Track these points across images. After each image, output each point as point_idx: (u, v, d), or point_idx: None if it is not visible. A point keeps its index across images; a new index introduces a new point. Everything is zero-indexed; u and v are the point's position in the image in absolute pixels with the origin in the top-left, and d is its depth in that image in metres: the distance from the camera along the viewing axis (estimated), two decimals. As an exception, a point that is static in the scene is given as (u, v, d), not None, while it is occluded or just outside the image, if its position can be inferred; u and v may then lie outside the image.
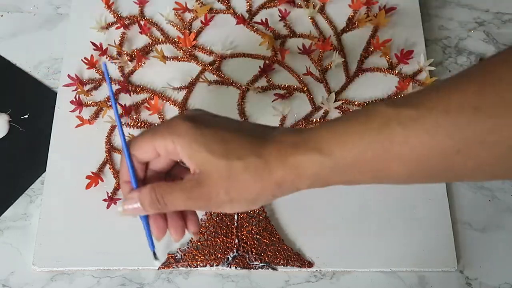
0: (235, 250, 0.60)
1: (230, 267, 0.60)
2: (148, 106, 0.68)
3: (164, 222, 0.46)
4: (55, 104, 0.69)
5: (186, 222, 0.47)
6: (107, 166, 0.65)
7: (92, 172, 0.64)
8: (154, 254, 0.49)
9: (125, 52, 0.72)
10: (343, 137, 0.40)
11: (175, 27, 0.74)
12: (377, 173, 0.41)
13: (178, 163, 0.47)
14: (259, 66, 0.71)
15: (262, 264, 0.60)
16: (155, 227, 0.46)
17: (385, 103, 0.40)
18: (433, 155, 0.38)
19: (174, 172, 0.47)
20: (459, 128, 0.37)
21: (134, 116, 0.68)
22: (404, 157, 0.39)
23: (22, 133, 0.68)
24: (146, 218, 0.46)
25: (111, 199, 0.63)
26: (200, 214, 0.62)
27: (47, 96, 0.70)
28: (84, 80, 0.70)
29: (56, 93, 0.70)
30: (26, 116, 0.69)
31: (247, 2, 0.76)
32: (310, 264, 0.60)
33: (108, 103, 0.68)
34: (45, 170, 0.65)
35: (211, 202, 0.42)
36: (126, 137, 0.66)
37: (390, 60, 0.71)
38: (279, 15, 0.74)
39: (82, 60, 0.71)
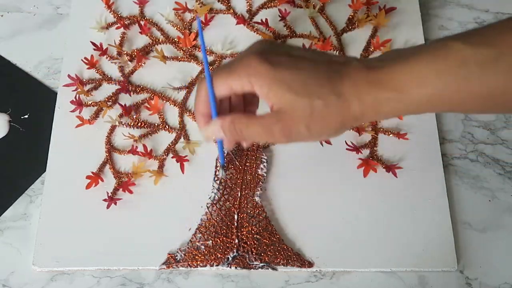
0: (235, 250, 0.60)
1: (230, 267, 0.60)
2: (148, 106, 0.68)
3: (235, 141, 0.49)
4: (55, 104, 0.69)
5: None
6: (107, 166, 0.65)
7: (92, 172, 0.64)
8: (223, 166, 0.53)
9: (125, 52, 0.72)
10: (420, 76, 0.42)
11: (175, 27, 0.74)
12: (451, 107, 0.45)
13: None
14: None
15: (262, 264, 0.60)
16: (228, 143, 0.49)
17: (461, 39, 0.42)
18: (510, 93, 0.41)
19: (246, 99, 0.50)
20: None
21: (134, 116, 0.68)
22: (480, 95, 0.41)
23: (22, 133, 0.68)
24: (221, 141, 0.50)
25: (111, 199, 0.63)
26: (200, 214, 0.62)
27: (47, 96, 0.70)
28: (84, 80, 0.70)
29: (56, 93, 0.70)
30: (26, 116, 0.69)
31: (247, 2, 0.76)
32: (310, 264, 0.60)
33: (108, 103, 0.69)
34: (45, 170, 0.65)
35: (291, 136, 0.45)
36: (125, 138, 0.66)
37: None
38: (279, 15, 0.74)
39: (82, 60, 0.71)
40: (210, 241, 0.61)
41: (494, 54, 0.40)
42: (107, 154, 0.66)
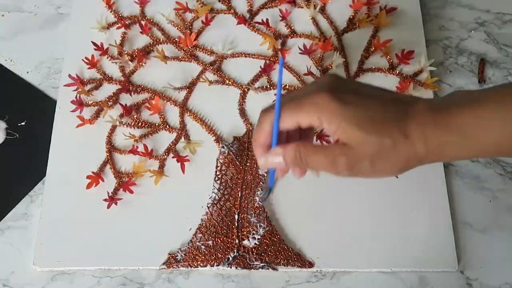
0: (235, 250, 0.60)
1: (231, 267, 0.60)
2: (149, 106, 0.68)
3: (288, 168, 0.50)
4: (53, 109, 0.69)
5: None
6: (108, 166, 0.65)
7: (93, 172, 0.64)
8: (270, 190, 0.53)
9: (126, 52, 0.72)
10: (486, 122, 0.43)
11: (176, 27, 0.74)
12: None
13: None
14: (260, 66, 0.71)
15: (263, 264, 0.60)
16: (282, 172, 0.51)
17: None
18: None
19: (302, 131, 0.50)
20: None
21: (135, 116, 0.68)
22: None
23: (20, 139, 0.68)
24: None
25: (112, 199, 0.63)
26: (201, 214, 0.62)
27: (45, 102, 0.70)
28: (85, 80, 0.70)
29: (54, 100, 0.70)
30: (23, 124, 0.68)
31: (248, 2, 0.76)
32: (310, 264, 0.60)
33: (109, 102, 0.69)
34: (45, 175, 0.65)
35: (353, 170, 0.46)
36: (126, 137, 0.66)
37: (391, 60, 0.71)
38: (279, 15, 0.74)
39: (83, 60, 0.71)
40: (211, 241, 0.61)
41: None
42: (108, 154, 0.66)
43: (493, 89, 0.47)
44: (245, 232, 0.61)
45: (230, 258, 0.60)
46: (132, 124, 0.68)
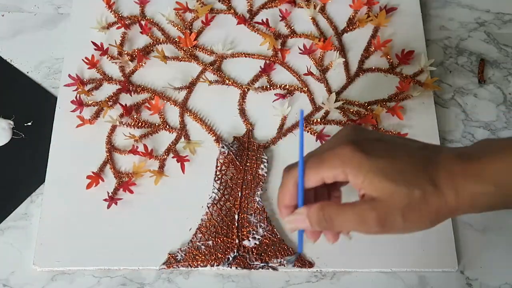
0: (235, 250, 0.60)
1: (231, 267, 0.60)
2: (149, 106, 0.68)
3: (319, 233, 0.47)
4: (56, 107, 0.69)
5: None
6: (108, 166, 0.65)
7: (93, 172, 0.64)
8: (298, 255, 0.53)
9: (125, 52, 0.72)
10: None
11: (176, 27, 0.74)
12: None
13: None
14: (260, 66, 0.71)
15: (263, 264, 0.60)
16: (312, 235, 0.47)
17: None
18: None
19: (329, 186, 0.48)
20: None
21: (135, 116, 0.68)
22: None
23: (25, 139, 0.68)
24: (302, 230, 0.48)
25: (112, 199, 0.63)
26: (201, 214, 0.62)
27: (53, 102, 0.70)
28: (85, 80, 0.70)
29: (56, 97, 0.70)
30: (29, 124, 0.68)
31: (247, 2, 0.76)
32: (310, 264, 0.60)
33: (108, 102, 0.69)
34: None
35: (385, 226, 0.43)
36: (126, 137, 0.66)
37: (391, 60, 0.71)
38: (279, 15, 0.74)
39: (83, 60, 0.71)
40: (211, 241, 0.61)
41: None
42: (108, 154, 0.66)
43: None
44: (245, 232, 0.61)
45: (230, 258, 0.60)
46: (132, 124, 0.68)
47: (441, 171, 0.43)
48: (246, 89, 0.70)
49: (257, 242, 0.61)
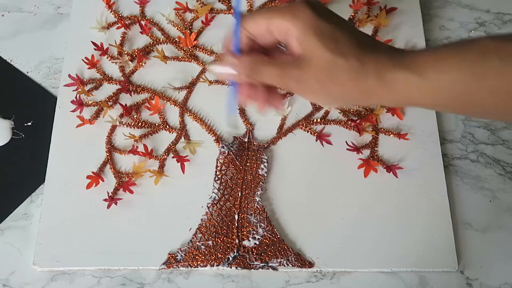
0: (235, 250, 0.60)
1: (231, 267, 0.60)
2: (149, 106, 0.68)
3: (250, 91, 0.48)
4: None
5: (270, 98, 0.49)
6: (108, 166, 0.65)
7: (93, 172, 0.64)
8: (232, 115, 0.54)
9: (125, 52, 0.72)
10: (441, 63, 0.42)
11: (176, 27, 0.74)
12: (465, 102, 0.43)
13: (275, 46, 0.49)
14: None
15: (263, 264, 0.60)
16: (242, 94, 0.49)
17: (490, 36, 0.42)
18: None
19: (270, 52, 0.49)
20: None
21: (135, 116, 0.68)
22: (497, 90, 0.41)
23: (25, 139, 0.68)
24: (235, 85, 0.49)
25: (112, 199, 0.63)
26: (201, 214, 0.62)
27: (50, 101, 0.70)
28: (85, 80, 0.70)
29: (56, 97, 0.70)
30: (29, 124, 0.68)
31: (248, 2, 0.76)
32: (310, 264, 0.60)
33: (108, 102, 0.69)
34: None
35: (300, 85, 0.46)
36: (126, 137, 0.66)
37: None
38: (279, 15, 0.74)
39: (83, 60, 0.71)
40: (211, 241, 0.61)
41: None
42: (108, 154, 0.66)
43: (459, 40, 0.46)
44: (245, 232, 0.61)
45: (230, 258, 0.60)
46: (132, 124, 0.67)
47: (373, 55, 0.44)
48: (246, 89, 0.70)
49: (257, 242, 0.61)
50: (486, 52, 0.41)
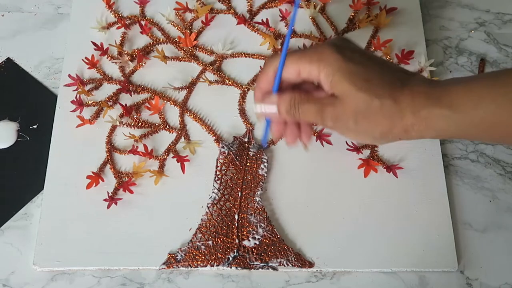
0: (235, 250, 0.60)
1: (231, 267, 0.60)
2: (149, 106, 0.68)
3: (283, 128, 0.51)
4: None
5: (301, 134, 0.52)
6: (108, 166, 0.65)
7: (93, 172, 0.64)
8: (265, 147, 0.58)
9: (125, 52, 0.72)
10: (476, 98, 0.43)
11: (176, 27, 0.74)
12: (502, 134, 0.44)
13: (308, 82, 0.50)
14: (260, 66, 0.71)
15: (263, 264, 0.60)
16: (276, 130, 0.52)
17: None
18: None
19: (304, 87, 0.51)
20: None
21: (135, 116, 0.68)
22: None
23: (29, 142, 0.67)
24: (269, 122, 0.52)
25: (112, 199, 0.63)
26: (201, 214, 0.62)
27: (53, 101, 0.70)
28: (85, 80, 0.70)
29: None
30: (35, 126, 0.68)
31: (247, 2, 0.76)
32: (310, 264, 0.60)
33: (108, 102, 0.69)
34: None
35: (337, 124, 0.47)
36: (126, 137, 0.66)
37: (391, 60, 0.71)
38: (279, 15, 0.74)
39: (83, 60, 0.71)
40: (211, 241, 0.61)
41: None
42: (108, 154, 0.66)
43: (490, 72, 0.47)
44: (245, 232, 0.61)
45: (230, 258, 0.60)
46: (132, 124, 0.68)
47: (406, 90, 0.45)
48: (246, 89, 0.70)
49: (257, 242, 0.61)
50: None
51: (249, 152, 0.65)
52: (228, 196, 0.63)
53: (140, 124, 0.68)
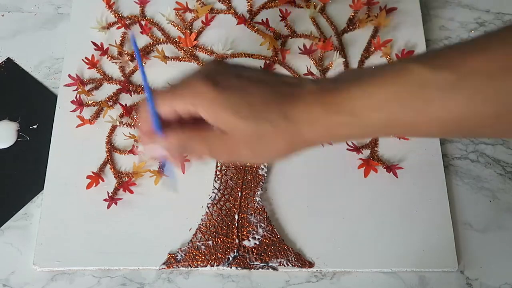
0: (235, 250, 0.60)
1: (231, 267, 0.60)
2: (149, 106, 0.68)
3: (183, 157, 0.49)
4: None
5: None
6: (108, 166, 0.65)
7: (93, 172, 0.64)
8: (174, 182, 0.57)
9: (126, 52, 0.72)
10: (376, 101, 0.40)
11: (176, 27, 0.74)
12: (409, 131, 0.43)
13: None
14: (260, 66, 0.71)
15: (263, 264, 0.60)
16: (177, 160, 0.48)
17: (422, 62, 0.39)
18: (471, 118, 0.38)
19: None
20: (504, 93, 0.37)
21: (135, 116, 0.68)
22: (439, 120, 0.39)
23: (31, 142, 0.68)
24: (166, 161, 0.49)
25: (112, 199, 0.63)
26: (201, 214, 0.62)
27: (53, 103, 0.69)
28: (85, 80, 0.70)
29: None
30: (35, 126, 0.68)
31: (248, 2, 0.76)
32: (310, 264, 0.60)
33: (108, 102, 0.69)
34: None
35: (233, 157, 0.45)
36: (126, 137, 0.66)
37: (391, 60, 0.71)
38: (280, 15, 0.74)
39: (83, 60, 0.71)
40: (211, 241, 0.61)
41: (454, 78, 0.37)
42: (108, 154, 0.66)
43: (384, 66, 0.43)
44: (245, 232, 0.61)
45: (230, 258, 0.60)
46: (132, 124, 0.68)
47: (298, 103, 0.42)
48: (246, 89, 0.70)
49: (257, 242, 0.61)
50: (424, 84, 0.38)
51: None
52: (228, 196, 0.63)
53: (140, 124, 0.68)
